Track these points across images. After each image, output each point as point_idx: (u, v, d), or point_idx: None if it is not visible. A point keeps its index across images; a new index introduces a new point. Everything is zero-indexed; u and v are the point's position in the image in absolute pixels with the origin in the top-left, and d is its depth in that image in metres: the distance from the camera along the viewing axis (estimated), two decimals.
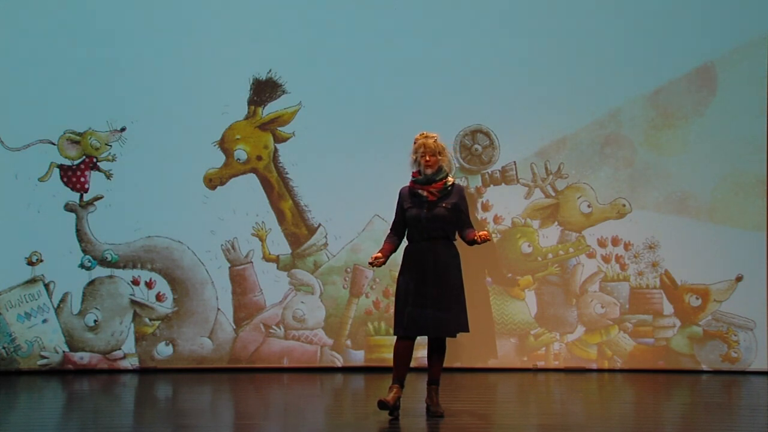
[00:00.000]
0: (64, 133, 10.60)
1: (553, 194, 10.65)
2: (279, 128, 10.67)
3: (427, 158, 8.41)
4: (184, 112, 10.59)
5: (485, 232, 8.30)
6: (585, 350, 10.62)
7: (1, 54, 10.56)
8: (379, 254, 8.42)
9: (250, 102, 10.67)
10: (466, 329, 8.48)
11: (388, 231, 8.61)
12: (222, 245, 10.62)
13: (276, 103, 10.68)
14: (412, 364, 8.47)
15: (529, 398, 9.70)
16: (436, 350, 8.50)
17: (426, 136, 8.46)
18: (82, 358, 10.56)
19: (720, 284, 10.56)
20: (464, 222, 8.48)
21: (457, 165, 10.55)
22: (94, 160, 10.60)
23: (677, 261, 10.57)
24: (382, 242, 8.53)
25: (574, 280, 10.62)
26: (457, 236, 8.51)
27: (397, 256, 8.53)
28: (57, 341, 10.54)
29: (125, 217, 10.57)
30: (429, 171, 8.43)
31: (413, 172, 8.52)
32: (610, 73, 10.60)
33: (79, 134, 10.61)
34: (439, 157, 8.44)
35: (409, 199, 8.49)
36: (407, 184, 8.54)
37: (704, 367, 10.56)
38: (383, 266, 8.49)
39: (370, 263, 8.41)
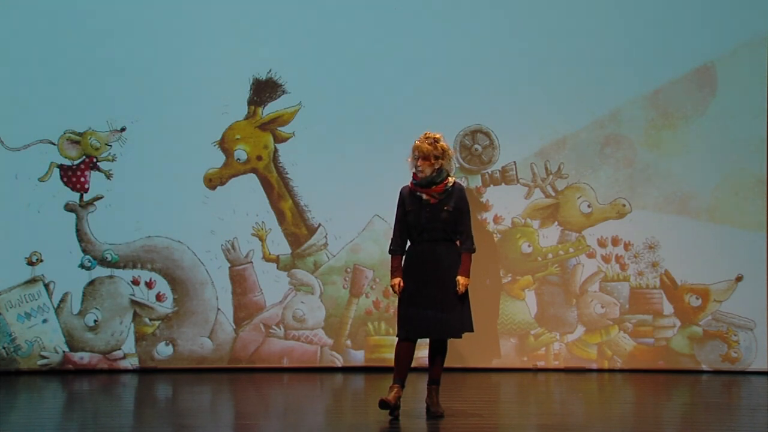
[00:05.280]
0: (64, 133, 10.59)
1: (553, 194, 10.65)
2: (279, 128, 10.66)
3: (419, 163, 8.39)
4: (184, 112, 10.58)
5: (462, 286, 8.37)
6: (585, 350, 10.62)
7: (0, 54, 10.56)
8: (398, 279, 8.45)
9: (250, 102, 10.66)
10: (470, 329, 8.49)
11: (393, 237, 8.55)
12: (222, 245, 10.62)
13: (276, 103, 10.68)
14: (413, 364, 8.48)
15: (529, 398, 9.70)
16: (438, 351, 8.50)
17: (424, 139, 8.43)
18: (82, 358, 10.56)
19: (720, 284, 10.56)
20: (464, 225, 8.46)
21: (457, 165, 10.55)
22: (94, 160, 10.60)
23: (677, 261, 10.57)
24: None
25: (574, 280, 10.62)
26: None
27: None
28: (57, 341, 10.53)
29: (125, 217, 10.56)
30: (421, 176, 8.40)
31: (414, 173, 8.51)
32: (610, 73, 10.59)
33: (79, 134, 10.60)
34: (441, 161, 8.40)
35: (409, 200, 8.48)
36: (407, 183, 8.53)
37: (704, 367, 10.56)
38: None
39: (395, 291, 8.46)
